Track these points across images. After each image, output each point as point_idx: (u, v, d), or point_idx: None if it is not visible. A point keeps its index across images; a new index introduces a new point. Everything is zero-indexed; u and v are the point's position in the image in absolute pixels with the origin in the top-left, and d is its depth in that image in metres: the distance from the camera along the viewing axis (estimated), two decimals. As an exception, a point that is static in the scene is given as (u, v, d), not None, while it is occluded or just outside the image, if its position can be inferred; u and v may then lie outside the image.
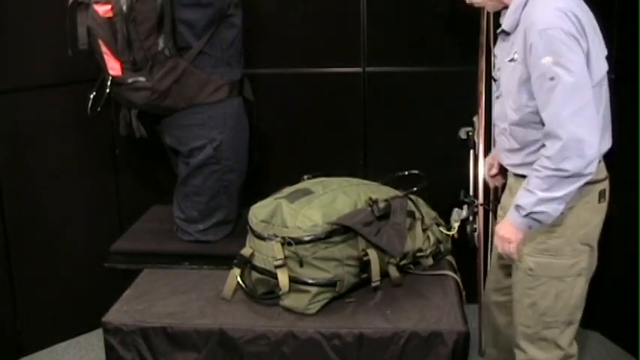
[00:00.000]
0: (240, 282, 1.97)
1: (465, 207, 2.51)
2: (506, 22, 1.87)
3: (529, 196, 1.78)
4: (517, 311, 2.00)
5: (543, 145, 1.78)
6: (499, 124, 1.96)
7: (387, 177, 2.27)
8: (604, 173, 1.93)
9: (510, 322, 2.08)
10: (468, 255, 2.57)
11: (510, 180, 2.05)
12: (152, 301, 1.99)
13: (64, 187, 2.95)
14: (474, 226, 2.46)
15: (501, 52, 1.95)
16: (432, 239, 2.15)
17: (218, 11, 2.19)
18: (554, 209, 1.77)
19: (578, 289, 1.95)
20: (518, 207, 1.81)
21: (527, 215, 1.80)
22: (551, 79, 1.70)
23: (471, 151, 2.60)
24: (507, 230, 1.87)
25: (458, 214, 2.46)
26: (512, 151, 1.94)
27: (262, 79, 2.90)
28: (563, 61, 1.69)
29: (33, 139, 2.85)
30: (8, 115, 2.77)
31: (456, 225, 2.29)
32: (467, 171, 2.60)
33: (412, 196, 2.15)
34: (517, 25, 1.84)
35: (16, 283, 2.88)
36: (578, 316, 1.99)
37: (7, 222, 2.81)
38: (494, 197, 2.55)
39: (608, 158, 2.11)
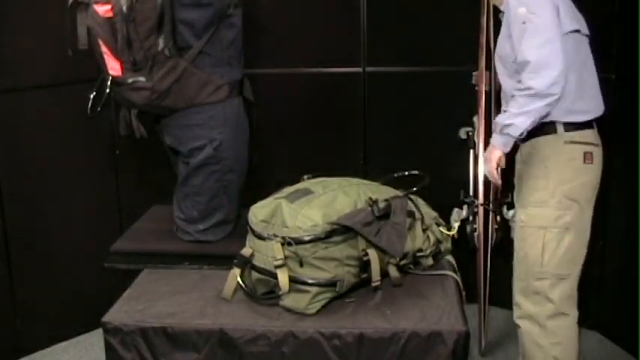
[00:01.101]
0: (240, 282, 1.97)
1: (465, 207, 2.51)
2: (504, 7, 2.18)
3: (503, 114, 2.10)
4: (515, 267, 2.23)
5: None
6: (504, 106, 2.20)
7: (387, 177, 2.28)
8: (592, 138, 2.15)
9: None
10: (468, 255, 2.57)
11: (522, 150, 2.29)
12: (152, 301, 1.99)
13: (64, 187, 2.95)
14: (474, 226, 2.49)
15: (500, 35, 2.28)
16: (432, 239, 2.15)
17: (218, 11, 2.19)
18: (522, 122, 2.05)
19: (565, 243, 2.13)
20: (495, 124, 2.13)
21: (501, 131, 2.09)
22: (523, 22, 2.05)
23: (471, 151, 2.61)
24: (488, 150, 2.18)
25: (458, 214, 2.49)
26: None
27: (262, 79, 2.90)
28: (534, 8, 2.04)
29: (33, 139, 2.85)
30: (8, 115, 2.77)
31: (456, 225, 2.31)
32: (467, 171, 2.61)
33: (412, 196, 2.15)
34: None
35: (16, 283, 2.88)
36: (572, 272, 2.15)
37: (7, 222, 2.82)
38: (494, 197, 2.55)
39: (606, 153, 2.13)
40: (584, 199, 2.15)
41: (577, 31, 2.12)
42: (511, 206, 2.44)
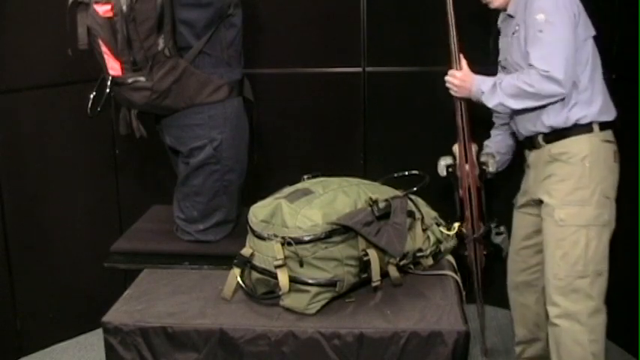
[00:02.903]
0: (240, 282, 1.97)
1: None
2: (510, 8, 2.27)
3: (508, 81, 2.16)
4: (549, 265, 2.22)
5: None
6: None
7: (387, 177, 2.28)
8: (614, 138, 2.26)
9: (539, 299, 2.35)
10: (467, 255, 2.57)
11: (532, 157, 2.35)
12: (152, 301, 1.99)
13: (64, 187, 2.96)
14: (465, 253, 2.52)
15: (504, 36, 2.37)
16: (432, 239, 2.15)
17: (218, 11, 2.19)
18: (506, 102, 2.18)
19: (604, 239, 2.20)
20: (480, 82, 2.25)
21: (492, 87, 2.20)
22: (540, 31, 2.10)
23: (455, 193, 2.56)
24: (465, 80, 2.30)
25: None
26: (529, 115, 2.25)
27: (262, 79, 2.90)
28: (552, 17, 2.09)
29: (33, 139, 2.86)
30: (8, 115, 2.77)
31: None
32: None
33: (412, 196, 2.15)
34: (518, 7, 2.24)
35: (16, 283, 2.88)
36: (606, 267, 2.21)
37: (7, 222, 2.82)
38: (477, 227, 2.53)
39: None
40: (614, 196, 2.25)
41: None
42: (498, 232, 2.51)
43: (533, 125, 2.29)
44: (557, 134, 2.23)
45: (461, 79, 2.32)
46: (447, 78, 2.37)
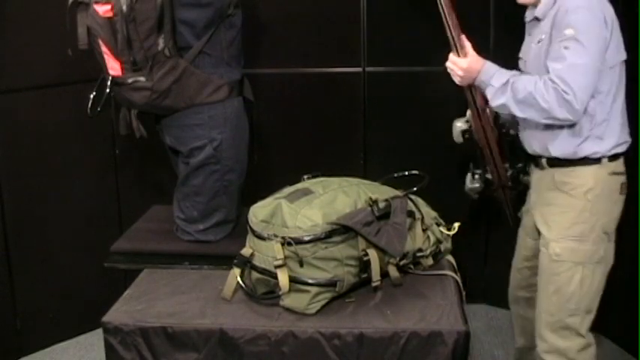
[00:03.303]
0: (240, 282, 1.97)
1: (477, 177, 2.38)
2: (539, 10, 2.07)
3: (521, 84, 1.96)
4: (541, 299, 2.14)
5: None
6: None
7: (387, 177, 2.27)
8: (624, 168, 2.10)
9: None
10: (467, 255, 2.57)
11: (537, 176, 2.20)
12: (152, 301, 1.99)
13: (64, 186, 2.95)
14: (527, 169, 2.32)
15: (529, 35, 2.19)
16: (432, 239, 2.15)
17: (218, 11, 2.19)
18: (511, 108, 1.99)
19: (598, 277, 2.09)
20: (491, 74, 2.03)
21: (502, 86, 2.00)
22: (565, 48, 1.90)
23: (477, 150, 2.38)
24: (472, 69, 2.07)
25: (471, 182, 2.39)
26: (538, 134, 2.11)
27: (262, 79, 2.90)
28: (582, 36, 1.89)
29: (33, 139, 2.86)
30: (8, 115, 2.77)
31: (475, 186, 2.32)
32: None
33: (412, 196, 2.15)
34: (550, 10, 2.04)
35: (16, 283, 2.88)
36: (597, 304, 2.12)
37: (7, 222, 2.82)
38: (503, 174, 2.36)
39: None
40: (614, 229, 2.12)
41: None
42: (523, 170, 2.31)
43: (539, 147, 2.14)
44: (562, 161, 2.08)
45: (467, 68, 2.09)
46: (447, 64, 2.15)
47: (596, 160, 2.05)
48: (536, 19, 2.10)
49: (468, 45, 2.12)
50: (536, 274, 2.21)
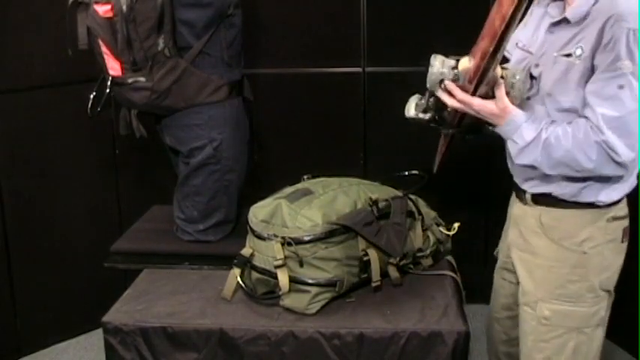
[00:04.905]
0: (240, 282, 1.97)
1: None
2: (573, 12, 1.61)
3: (535, 143, 1.57)
4: None
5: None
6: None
7: (387, 177, 2.27)
8: (627, 210, 1.73)
9: None
10: (467, 255, 2.57)
11: (517, 211, 1.85)
12: (152, 301, 1.99)
13: (64, 187, 2.96)
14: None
15: (549, 44, 1.68)
16: (432, 239, 2.15)
17: (218, 11, 2.19)
18: (526, 162, 1.61)
19: (597, 342, 1.74)
20: (517, 125, 1.59)
21: (505, 134, 1.62)
22: (621, 87, 1.50)
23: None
24: (493, 117, 1.60)
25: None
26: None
27: (262, 79, 2.90)
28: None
29: (33, 140, 2.86)
30: (8, 115, 2.77)
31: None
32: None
33: (412, 196, 2.15)
34: (585, 16, 1.59)
35: (16, 283, 2.88)
36: None
37: (7, 222, 2.82)
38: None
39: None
40: (615, 284, 1.77)
41: None
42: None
43: (526, 178, 1.76)
44: (551, 200, 1.69)
45: (487, 114, 1.61)
46: (459, 96, 1.63)
47: (594, 205, 1.67)
48: (566, 22, 1.63)
49: (501, 87, 1.59)
50: (518, 326, 1.84)
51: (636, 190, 2.55)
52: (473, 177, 3.09)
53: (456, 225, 2.22)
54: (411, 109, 1.88)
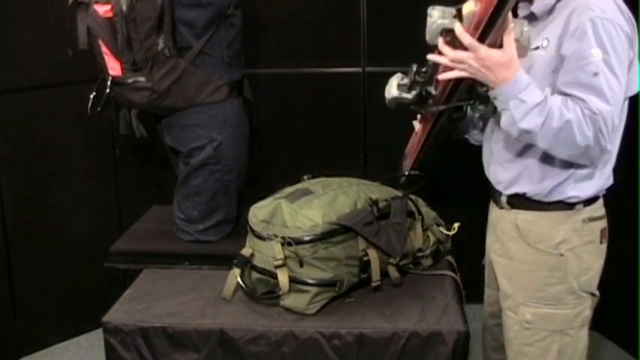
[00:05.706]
0: (240, 282, 1.97)
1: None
2: (538, 6, 1.62)
3: (542, 107, 1.49)
4: None
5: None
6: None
7: (387, 177, 2.27)
8: (603, 211, 1.72)
9: None
10: (467, 255, 2.57)
11: (495, 215, 1.87)
12: (152, 301, 1.99)
13: (64, 187, 2.96)
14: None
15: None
16: (432, 239, 2.15)
17: (218, 11, 2.19)
18: (529, 126, 1.50)
19: (582, 342, 1.74)
20: (524, 86, 1.50)
21: (510, 95, 1.50)
22: (595, 74, 1.48)
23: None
24: (496, 70, 1.48)
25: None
26: (510, 161, 1.75)
27: (262, 79, 2.90)
28: (612, 59, 1.49)
29: (33, 140, 2.86)
30: (8, 115, 2.77)
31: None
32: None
33: (412, 196, 2.15)
34: (551, 10, 1.61)
35: (16, 283, 2.88)
36: None
37: (7, 222, 2.82)
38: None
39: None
40: (597, 285, 1.75)
41: None
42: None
43: (499, 175, 1.75)
44: (526, 201, 1.69)
45: (491, 64, 1.48)
46: (464, 57, 1.51)
47: (569, 206, 1.67)
48: (533, 16, 1.65)
49: (511, 36, 1.48)
50: None
51: (636, 188, 2.55)
52: (473, 177, 3.09)
53: (456, 225, 2.22)
54: (393, 89, 1.83)
